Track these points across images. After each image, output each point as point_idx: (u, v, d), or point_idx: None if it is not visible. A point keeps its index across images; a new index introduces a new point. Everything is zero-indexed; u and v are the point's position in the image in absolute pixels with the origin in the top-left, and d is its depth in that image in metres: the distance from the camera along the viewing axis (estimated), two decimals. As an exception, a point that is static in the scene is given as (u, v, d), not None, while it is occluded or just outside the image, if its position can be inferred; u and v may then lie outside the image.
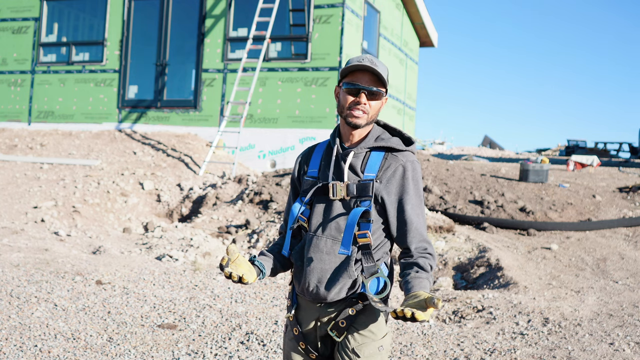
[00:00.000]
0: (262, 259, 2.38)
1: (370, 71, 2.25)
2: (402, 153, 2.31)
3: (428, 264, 2.24)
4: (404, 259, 2.28)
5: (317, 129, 12.11)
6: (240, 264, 2.24)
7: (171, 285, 6.09)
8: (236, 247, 2.26)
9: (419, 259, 2.24)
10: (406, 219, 2.27)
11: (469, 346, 4.86)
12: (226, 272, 2.19)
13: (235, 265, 2.22)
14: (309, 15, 12.29)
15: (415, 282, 2.17)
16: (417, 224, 2.28)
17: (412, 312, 1.97)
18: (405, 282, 2.21)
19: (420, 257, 2.25)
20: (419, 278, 2.19)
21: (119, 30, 13.63)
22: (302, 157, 2.47)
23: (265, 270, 2.34)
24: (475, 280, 7.31)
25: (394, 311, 2.01)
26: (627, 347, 4.84)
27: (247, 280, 2.21)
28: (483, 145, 37.20)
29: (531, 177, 10.97)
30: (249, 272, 2.24)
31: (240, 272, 2.21)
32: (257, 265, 2.33)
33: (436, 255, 2.32)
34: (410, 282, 2.18)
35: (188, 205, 10.33)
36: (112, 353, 4.45)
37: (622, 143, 27.13)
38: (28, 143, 12.87)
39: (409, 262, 2.25)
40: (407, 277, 2.21)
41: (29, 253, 7.00)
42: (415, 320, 1.97)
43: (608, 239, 8.82)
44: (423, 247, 2.27)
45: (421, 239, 2.27)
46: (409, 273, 2.22)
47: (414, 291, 2.12)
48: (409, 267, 2.24)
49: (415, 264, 2.24)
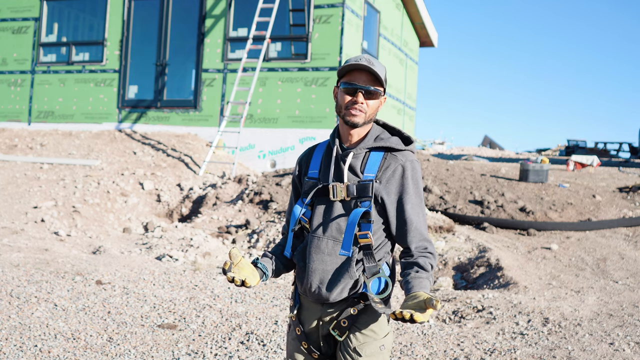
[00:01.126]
0: (265, 261, 2.39)
1: (368, 70, 2.26)
2: (402, 153, 2.32)
3: (428, 263, 2.25)
4: (405, 259, 2.29)
5: (317, 129, 12.12)
6: (242, 267, 2.24)
7: (171, 285, 6.09)
8: (238, 251, 2.27)
9: (419, 258, 2.25)
10: (406, 219, 2.27)
11: (469, 346, 4.86)
12: (229, 276, 2.19)
13: (238, 269, 2.23)
14: (309, 15, 12.30)
15: (415, 282, 2.18)
16: (417, 223, 2.28)
17: (410, 313, 1.98)
18: (405, 282, 2.21)
19: (421, 256, 2.25)
20: (419, 278, 2.20)
21: (119, 30, 13.63)
22: (302, 158, 2.47)
23: (268, 272, 2.35)
24: (475, 280, 7.31)
25: (393, 313, 2.02)
26: (627, 347, 4.84)
27: (250, 283, 2.22)
28: (483, 145, 37.19)
29: (531, 177, 10.97)
30: (252, 275, 2.25)
31: (243, 276, 2.21)
32: (259, 268, 2.34)
33: (437, 254, 2.33)
34: (411, 282, 2.19)
35: (188, 205, 10.33)
36: (112, 353, 4.45)
37: (622, 143, 27.12)
38: (28, 143, 12.87)
39: (410, 262, 2.26)
40: (407, 277, 2.22)
41: (29, 253, 7.00)
42: (414, 321, 1.98)
43: (608, 239, 8.82)
44: (423, 246, 2.27)
45: (421, 238, 2.28)
46: (409, 273, 2.23)
47: (414, 291, 2.13)
48: (410, 267, 2.25)
49: (415, 264, 2.24)
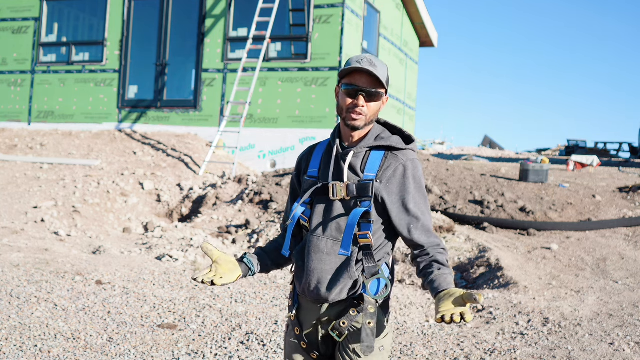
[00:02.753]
0: (252, 257, 2.37)
1: (369, 73, 2.22)
2: (402, 152, 2.29)
3: (446, 259, 2.21)
4: (420, 257, 2.24)
5: (317, 129, 12.11)
6: (220, 263, 2.24)
7: (171, 285, 6.09)
8: (211, 245, 2.26)
9: (437, 255, 2.21)
10: (412, 218, 2.24)
11: (469, 346, 4.86)
12: (192, 277, 2.19)
13: (216, 265, 2.22)
14: (309, 15, 12.30)
15: (441, 280, 2.13)
16: (424, 220, 2.25)
17: (460, 315, 1.93)
18: (430, 281, 2.15)
19: (437, 253, 2.22)
20: (444, 275, 2.14)
21: (119, 30, 13.63)
22: (302, 157, 2.45)
23: (253, 268, 2.34)
24: (475, 280, 7.31)
25: (441, 317, 1.95)
26: (627, 347, 4.84)
27: (224, 282, 2.21)
28: (483, 145, 37.17)
29: (531, 177, 10.97)
30: (230, 272, 2.24)
31: (220, 273, 2.21)
32: (245, 263, 2.33)
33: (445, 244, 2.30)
34: (436, 280, 2.13)
35: (188, 205, 10.33)
36: (112, 353, 4.45)
37: (622, 143, 27.11)
38: (28, 143, 12.87)
39: (428, 260, 2.21)
40: (430, 275, 2.16)
41: (29, 253, 7.00)
42: (464, 321, 1.94)
43: (608, 239, 8.82)
44: (436, 242, 2.24)
45: (431, 235, 2.25)
46: (431, 271, 2.17)
47: (445, 289, 2.08)
48: (429, 265, 2.20)
49: (435, 261, 2.19)
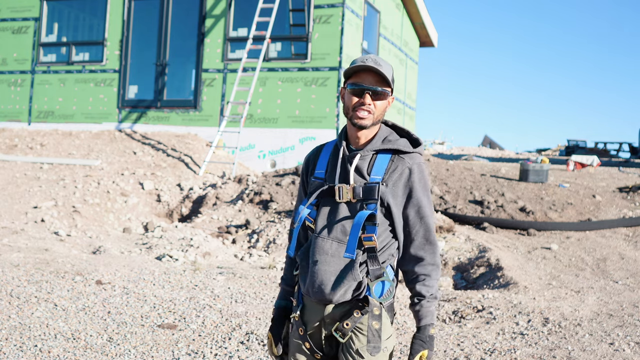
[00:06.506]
0: (288, 301, 2.50)
1: (374, 71, 2.23)
2: (409, 155, 2.29)
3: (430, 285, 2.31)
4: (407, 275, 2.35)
5: (317, 129, 12.12)
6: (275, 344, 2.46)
7: (171, 285, 6.09)
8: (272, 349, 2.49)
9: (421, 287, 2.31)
10: (414, 222, 2.27)
11: (469, 346, 4.86)
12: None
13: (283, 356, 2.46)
14: (309, 15, 12.30)
15: (422, 315, 2.31)
16: (427, 225, 2.30)
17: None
18: (414, 313, 2.33)
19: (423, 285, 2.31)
20: (424, 309, 2.30)
21: (119, 30, 13.63)
22: (310, 157, 2.45)
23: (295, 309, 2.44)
24: (475, 280, 7.31)
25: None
26: (627, 347, 4.84)
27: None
28: (483, 145, 37.18)
29: (531, 177, 10.97)
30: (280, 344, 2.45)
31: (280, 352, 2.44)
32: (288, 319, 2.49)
33: (439, 258, 2.33)
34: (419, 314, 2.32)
35: (188, 205, 10.33)
36: (112, 353, 4.45)
37: (622, 143, 27.12)
38: (28, 143, 12.87)
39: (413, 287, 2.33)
40: (415, 306, 2.32)
41: (29, 253, 7.00)
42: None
43: (608, 239, 8.82)
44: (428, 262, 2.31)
45: (425, 246, 2.31)
46: (417, 302, 2.32)
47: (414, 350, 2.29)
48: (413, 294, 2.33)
49: (417, 294, 2.32)
